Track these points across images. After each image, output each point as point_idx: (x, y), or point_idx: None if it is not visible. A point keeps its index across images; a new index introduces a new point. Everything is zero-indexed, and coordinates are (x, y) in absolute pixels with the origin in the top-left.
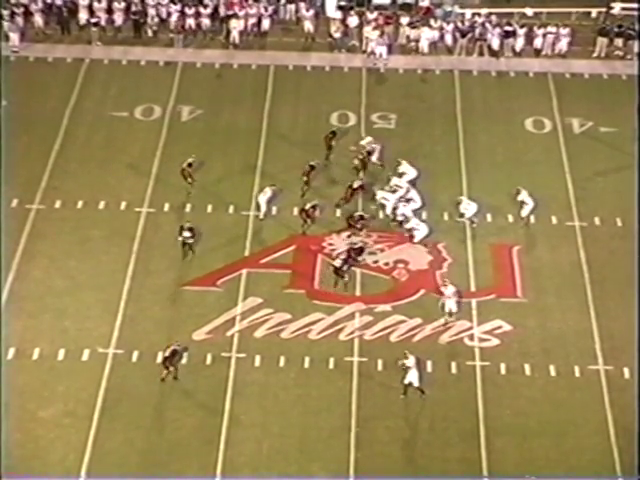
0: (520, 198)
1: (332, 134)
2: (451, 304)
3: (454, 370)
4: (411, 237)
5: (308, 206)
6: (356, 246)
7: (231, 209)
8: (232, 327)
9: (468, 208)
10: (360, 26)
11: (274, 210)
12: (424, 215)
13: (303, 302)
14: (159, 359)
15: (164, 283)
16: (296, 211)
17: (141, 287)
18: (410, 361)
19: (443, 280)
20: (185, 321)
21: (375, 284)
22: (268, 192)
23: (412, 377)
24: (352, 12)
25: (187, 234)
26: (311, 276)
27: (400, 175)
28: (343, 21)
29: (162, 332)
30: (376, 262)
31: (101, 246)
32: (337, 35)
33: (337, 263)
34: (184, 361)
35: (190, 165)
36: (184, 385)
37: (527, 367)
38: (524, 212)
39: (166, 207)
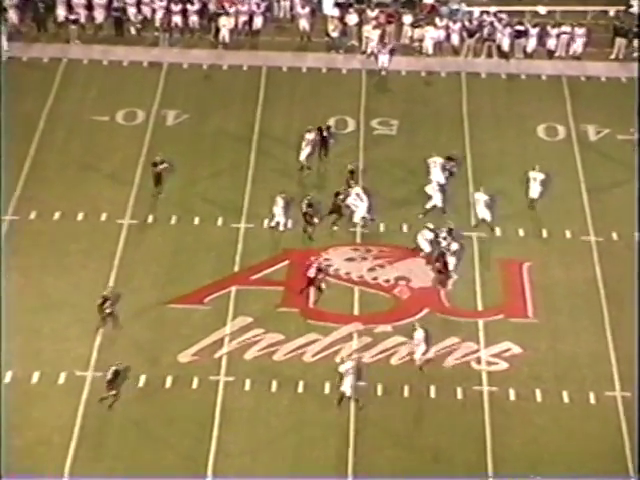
0: (532, 175)
1: (350, 173)
2: (419, 351)
3: (460, 396)
4: (415, 252)
5: (305, 207)
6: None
7: (220, 221)
8: (220, 348)
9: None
10: (359, 25)
11: (266, 222)
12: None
13: (297, 322)
14: (107, 379)
15: (147, 301)
16: (290, 224)
17: (122, 305)
18: (346, 365)
19: (413, 324)
20: (170, 342)
21: (374, 303)
22: (280, 202)
23: (346, 386)
24: (351, 9)
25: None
26: (306, 294)
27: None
28: (341, 19)
29: (145, 354)
30: (375, 279)
31: (79, 261)
32: (335, 34)
33: (311, 273)
34: (168, 385)
35: (155, 165)
36: (168, 411)
37: (538, 393)
38: (533, 192)
39: (150, 219)
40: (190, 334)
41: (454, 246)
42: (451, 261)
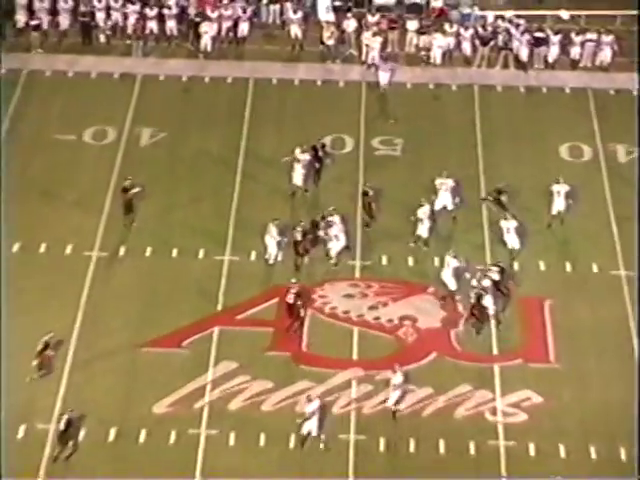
0: (556, 189)
1: (364, 194)
2: (393, 397)
3: (472, 451)
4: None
5: (299, 235)
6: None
7: (201, 253)
8: (201, 398)
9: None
10: (359, 31)
11: (253, 254)
12: (437, 262)
13: (288, 367)
14: (55, 431)
15: (118, 344)
16: (280, 256)
17: (90, 349)
18: (312, 405)
19: (393, 366)
20: (144, 391)
21: (376, 345)
22: (272, 230)
23: (312, 424)
24: (349, 14)
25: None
26: (298, 335)
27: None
28: (338, 25)
29: (116, 404)
30: (377, 318)
31: (40, 299)
32: (331, 42)
33: (289, 299)
34: (142, 440)
35: (125, 190)
36: (142, 469)
37: (562, 448)
38: (558, 207)
39: (121, 251)
40: (167, 382)
41: (486, 282)
42: (489, 302)
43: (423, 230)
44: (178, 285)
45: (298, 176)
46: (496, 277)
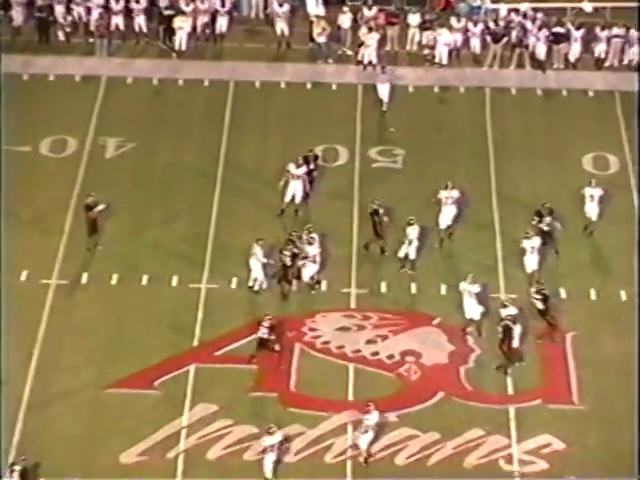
0: (589, 192)
1: (374, 213)
2: (365, 439)
3: None
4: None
5: (288, 259)
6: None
7: (175, 280)
8: (175, 445)
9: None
10: (354, 27)
11: (234, 281)
12: (443, 289)
13: (275, 410)
14: None
15: (80, 384)
16: (266, 282)
17: (48, 390)
18: (271, 439)
19: (367, 403)
20: (110, 438)
21: (375, 384)
22: (257, 251)
23: (267, 465)
24: (344, 8)
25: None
26: (286, 374)
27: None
28: (331, 20)
29: (77, 453)
30: (376, 354)
31: None
32: (322, 39)
33: (263, 333)
34: None
35: (89, 208)
36: None
37: None
38: (590, 213)
39: (84, 278)
40: (136, 427)
41: (512, 310)
42: (517, 333)
43: (412, 251)
44: (148, 317)
45: (297, 193)
46: (540, 306)
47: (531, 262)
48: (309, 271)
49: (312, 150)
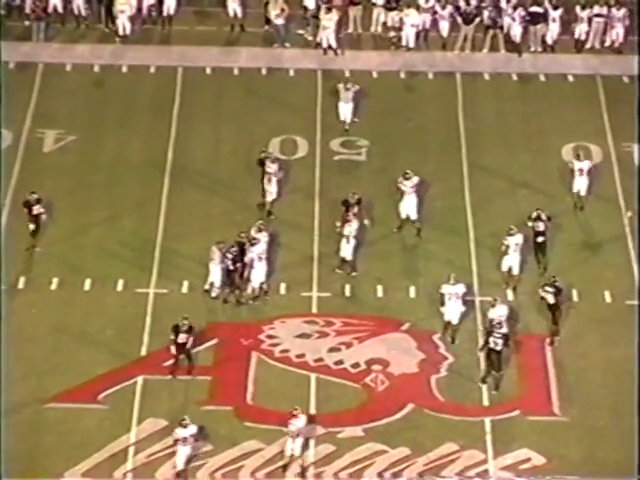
0: (578, 166)
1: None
2: (296, 445)
3: None
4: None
5: (230, 261)
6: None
7: (120, 284)
8: (123, 464)
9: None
10: (318, 9)
11: (185, 285)
12: (412, 292)
13: (230, 425)
14: None
15: (18, 398)
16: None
17: None
18: (187, 431)
19: (293, 408)
20: (51, 456)
21: (339, 396)
22: (216, 254)
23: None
24: None
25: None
26: (242, 385)
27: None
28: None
29: (15, 473)
30: (340, 363)
31: None
32: (280, 21)
33: (181, 338)
34: None
35: (29, 205)
36: None
37: None
38: (579, 187)
39: (21, 282)
40: (80, 444)
41: (502, 309)
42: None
43: (347, 251)
44: (92, 324)
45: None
46: (551, 300)
47: (511, 260)
48: (257, 275)
49: (264, 151)
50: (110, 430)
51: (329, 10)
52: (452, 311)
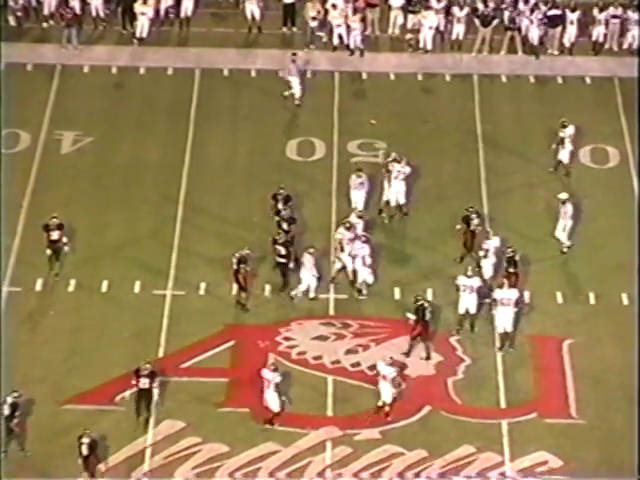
0: (569, 133)
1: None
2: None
3: None
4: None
5: (235, 263)
6: None
7: (137, 286)
8: (140, 466)
9: None
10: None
11: (202, 287)
12: (429, 294)
13: (247, 427)
14: None
15: (36, 400)
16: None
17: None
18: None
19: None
20: (68, 457)
21: (356, 398)
22: (309, 260)
23: None
24: None
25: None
26: (259, 387)
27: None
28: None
29: (33, 475)
30: (357, 365)
31: None
32: (315, 24)
33: (143, 383)
34: None
35: (48, 229)
36: None
37: None
38: (562, 155)
39: (38, 285)
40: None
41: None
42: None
43: (347, 260)
44: (109, 326)
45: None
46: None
47: (486, 267)
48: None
49: (282, 188)
50: (127, 432)
51: (356, 11)
52: (467, 302)
